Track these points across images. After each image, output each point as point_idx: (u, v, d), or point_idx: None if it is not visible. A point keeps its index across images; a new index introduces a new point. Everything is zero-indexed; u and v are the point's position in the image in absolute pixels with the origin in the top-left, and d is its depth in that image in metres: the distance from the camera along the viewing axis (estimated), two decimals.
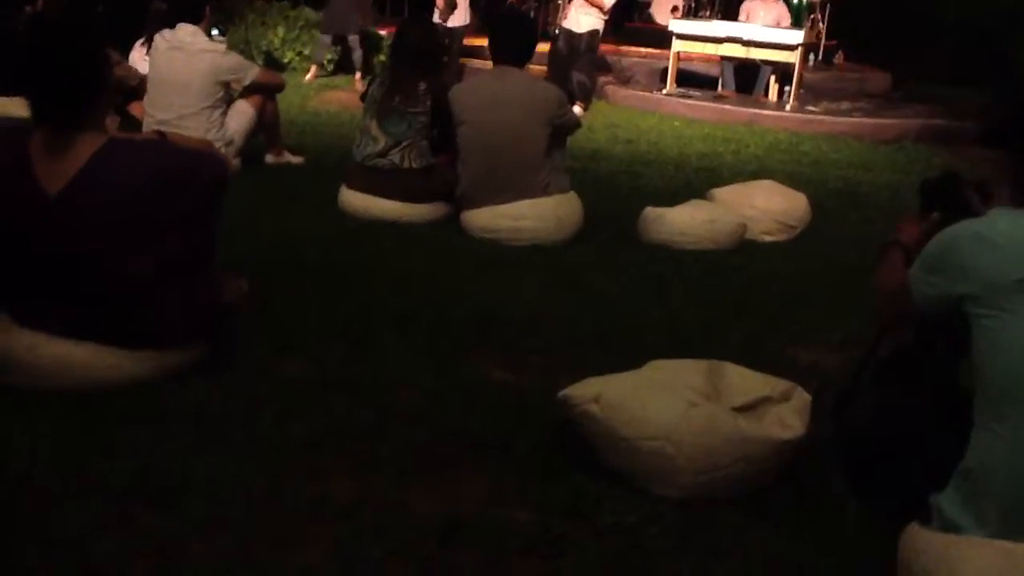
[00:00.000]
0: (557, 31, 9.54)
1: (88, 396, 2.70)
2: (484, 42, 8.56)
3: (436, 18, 9.99)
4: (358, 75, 10.60)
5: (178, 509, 2.25)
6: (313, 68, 10.86)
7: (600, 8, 9.30)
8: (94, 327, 2.73)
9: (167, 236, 2.76)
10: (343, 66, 10.96)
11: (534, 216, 4.66)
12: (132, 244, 2.70)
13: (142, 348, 2.79)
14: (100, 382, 2.73)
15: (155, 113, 5.42)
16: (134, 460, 2.44)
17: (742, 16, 10.85)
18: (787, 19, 10.79)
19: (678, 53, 10.64)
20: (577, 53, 9.45)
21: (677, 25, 10.69)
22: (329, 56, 11.01)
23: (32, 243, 2.70)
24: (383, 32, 11.52)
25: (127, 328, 2.76)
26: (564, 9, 9.50)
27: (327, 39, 10.69)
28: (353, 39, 10.52)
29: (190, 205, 2.81)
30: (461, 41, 10.37)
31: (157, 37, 5.58)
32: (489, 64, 4.93)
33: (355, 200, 5.00)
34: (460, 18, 10.23)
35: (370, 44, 10.97)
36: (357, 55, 10.58)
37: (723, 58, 10.67)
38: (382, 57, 11.08)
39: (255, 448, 2.55)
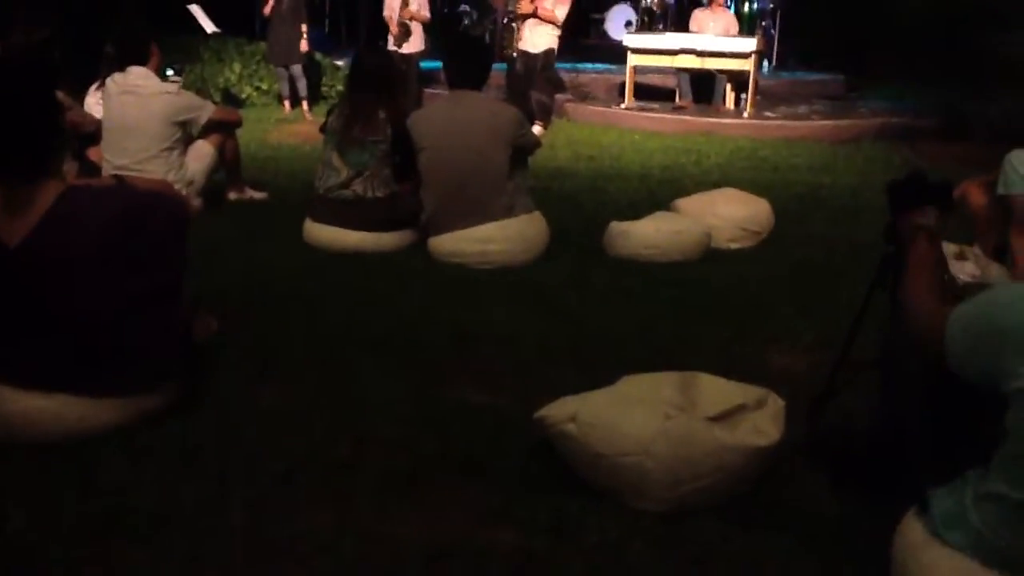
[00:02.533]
0: (515, 55, 9.58)
1: (61, 442, 2.67)
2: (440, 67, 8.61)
3: (391, 44, 10.02)
4: (305, 104, 10.61)
5: (157, 544, 2.24)
6: (286, 103, 10.87)
7: (553, 23, 9.36)
8: (62, 376, 2.70)
9: (131, 279, 2.74)
10: (295, 98, 10.96)
11: (500, 238, 4.66)
12: (96, 290, 2.68)
13: (113, 395, 2.76)
14: (72, 433, 2.69)
15: (113, 159, 5.36)
16: (112, 497, 2.43)
17: (692, 27, 10.97)
18: (735, 27, 10.93)
19: (634, 67, 10.73)
20: (534, 73, 9.50)
21: (631, 40, 10.79)
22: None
23: None
24: (339, 62, 11.55)
25: (96, 375, 2.73)
26: (519, 32, 9.55)
27: (282, 70, 10.69)
28: (296, 69, 10.52)
29: (152, 247, 2.79)
30: (417, 67, 10.40)
31: (108, 82, 5.51)
32: (446, 89, 4.96)
33: (320, 232, 4.99)
34: (415, 44, 10.25)
35: (313, 72, 11.04)
36: (302, 84, 10.58)
37: (679, 69, 10.77)
38: (339, 87, 11.10)
39: (233, 480, 2.53)
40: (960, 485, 1.95)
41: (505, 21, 9.81)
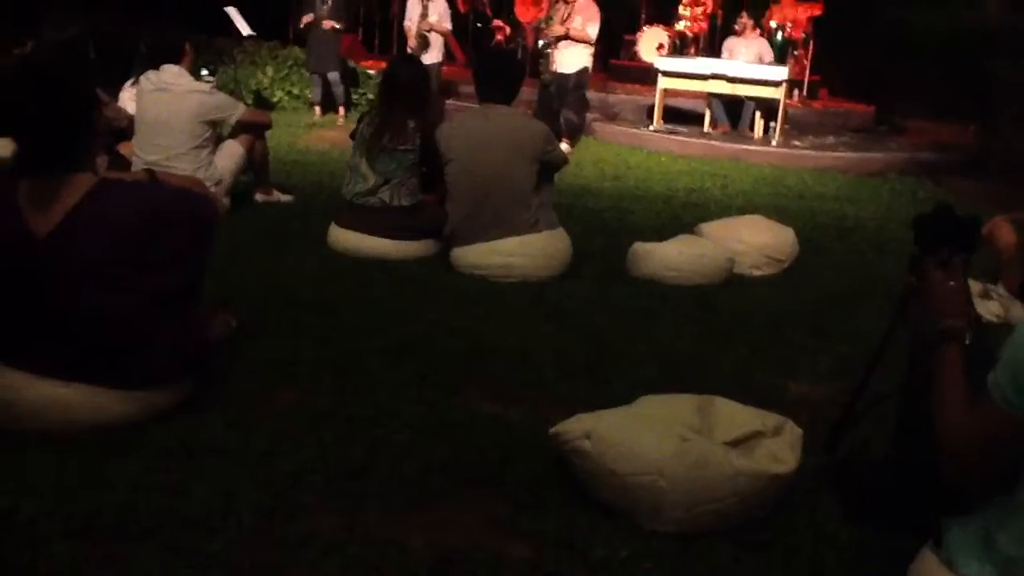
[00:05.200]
0: (549, 78, 9.60)
1: (77, 432, 2.68)
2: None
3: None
4: (341, 111, 10.68)
5: (168, 543, 2.23)
6: (316, 108, 10.93)
7: (586, 42, 9.38)
8: (82, 367, 2.72)
9: (156, 275, 2.76)
10: (326, 104, 11.01)
11: (523, 253, 4.67)
12: (121, 283, 2.70)
13: (131, 387, 2.77)
14: (88, 423, 2.70)
15: (144, 155, 5.42)
16: (123, 495, 2.43)
17: (724, 53, 10.97)
18: (769, 54, 10.93)
19: (664, 90, 10.73)
20: (566, 92, 9.52)
21: (663, 62, 10.80)
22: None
23: (21, 284, 2.69)
24: (372, 70, 11.63)
25: (115, 367, 2.75)
26: (552, 56, 9.57)
27: (316, 78, 10.77)
28: (334, 76, 10.58)
29: (179, 245, 2.80)
30: (438, 78, 10.40)
31: (142, 79, 5.58)
32: (462, 102, 4.97)
33: (344, 238, 5.01)
34: (434, 55, 10.26)
35: (351, 80, 11.11)
36: (339, 91, 10.64)
37: (710, 95, 10.76)
38: (370, 95, 11.17)
39: (244, 482, 2.53)
40: (980, 514, 1.91)
41: (540, 46, 9.83)
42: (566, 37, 9.36)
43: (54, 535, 2.25)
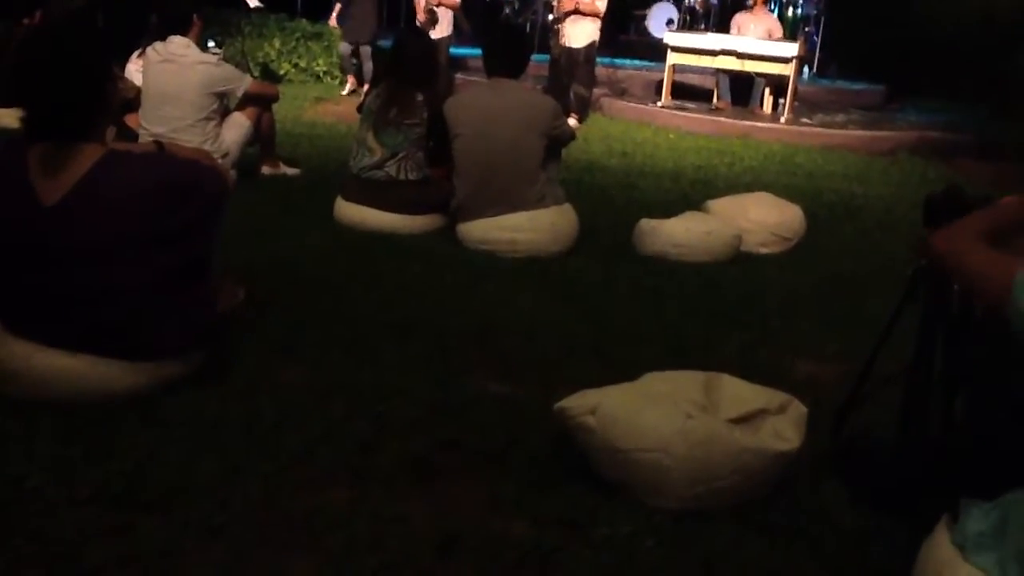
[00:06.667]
0: (559, 52, 9.56)
1: (85, 403, 2.69)
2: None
3: None
4: (366, 87, 10.63)
5: (174, 515, 2.25)
6: (350, 78, 10.86)
7: (595, 15, 9.34)
8: (90, 338, 2.72)
9: (165, 247, 2.76)
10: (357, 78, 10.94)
11: (530, 228, 4.66)
12: (129, 254, 2.70)
13: (139, 359, 2.78)
14: (96, 393, 2.71)
15: (150, 126, 5.41)
16: (131, 465, 2.44)
17: (733, 29, 10.89)
18: (778, 31, 10.84)
19: (673, 66, 10.67)
20: (576, 66, 9.49)
21: (672, 38, 10.73)
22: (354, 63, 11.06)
23: (29, 254, 2.69)
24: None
25: (124, 339, 2.75)
26: (561, 30, 9.53)
27: (347, 48, 10.70)
28: (365, 51, 10.52)
29: (188, 216, 2.80)
30: (446, 53, 10.34)
31: (149, 50, 5.56)
32: (471, 76, 4.96)
33: (351, 211, 5.01)
34: (443, 29, 10.20)
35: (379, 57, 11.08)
36: (368, 67, 10.58)
37: (718, 70, 10.70)
38: None
39: (252, 455, 2.55)
40: (1000, 507, 1.88)
41: (549, 21, 9.80)
42: (576, 11, 9.32)
43: (61, 503, 2.27)
